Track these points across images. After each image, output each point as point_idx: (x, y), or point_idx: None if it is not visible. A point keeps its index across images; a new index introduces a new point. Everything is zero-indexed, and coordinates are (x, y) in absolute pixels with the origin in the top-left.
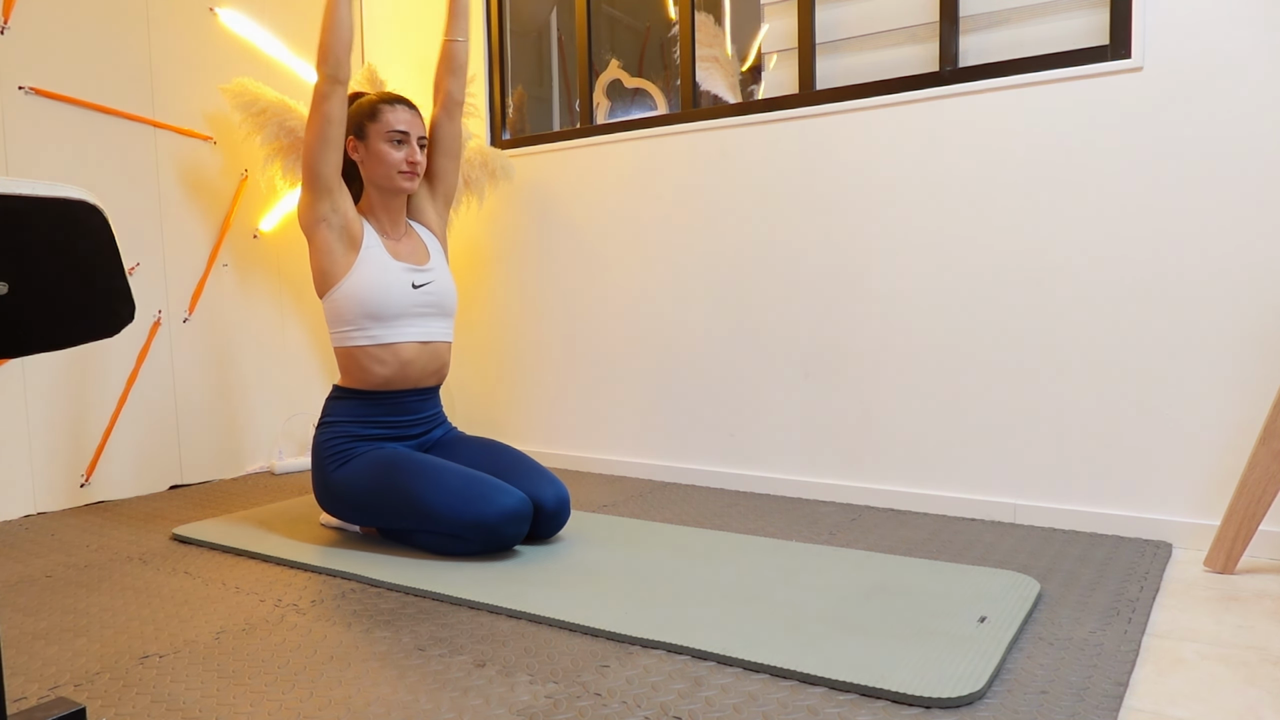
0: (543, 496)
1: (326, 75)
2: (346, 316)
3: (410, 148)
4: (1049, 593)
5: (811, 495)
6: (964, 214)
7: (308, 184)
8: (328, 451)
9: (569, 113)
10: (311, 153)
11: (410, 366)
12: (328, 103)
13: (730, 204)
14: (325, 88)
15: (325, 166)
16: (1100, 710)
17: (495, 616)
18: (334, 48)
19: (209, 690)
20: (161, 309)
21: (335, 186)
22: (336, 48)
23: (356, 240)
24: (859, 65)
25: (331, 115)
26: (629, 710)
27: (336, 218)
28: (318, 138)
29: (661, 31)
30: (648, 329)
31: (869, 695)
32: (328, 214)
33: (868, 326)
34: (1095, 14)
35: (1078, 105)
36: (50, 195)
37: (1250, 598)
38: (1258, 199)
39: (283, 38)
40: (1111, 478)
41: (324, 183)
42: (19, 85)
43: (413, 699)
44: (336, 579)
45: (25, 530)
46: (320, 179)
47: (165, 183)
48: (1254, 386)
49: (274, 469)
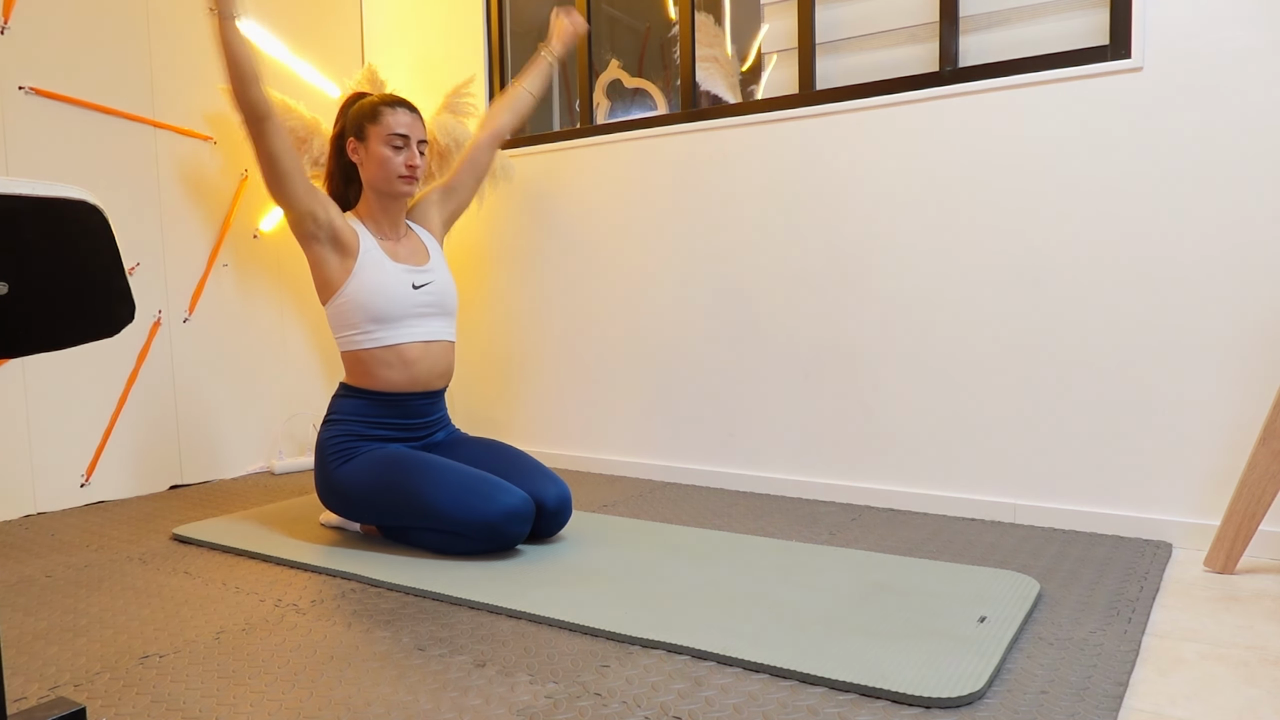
0: (544, 495)
1: (247, 116)
2: (350, 321)
3: (410, 151)
4: (1049, 593)
5: (811, 495)
6: (963, 214)
7: (283, 210)
8: (331, 449)
9: (569, 113)
10: (272, 190)
11: (416, 367)
12: (264, 141)
13: (730, 204)
14: (253, 129)
15: (291, 198)
16: (1100, 710)
17: (495, 616)
18: (240, 88)
19: (209, 690)
20: (161, 309)
21: (310, 204)
22: (243, 80)
23: (350, 247)
24: (859, 65)
25: (274, 151)
26: (629, 710)
27: (323, 230)
28: (271, 176)
29: (661, 31)
30: (648, 329)
31: (869, 695)
32: (312, 229)
33: (868, 326)
34: (1095, 14)
35: (1078, 105)
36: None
37: (1250, 598)
38: (1258, 198)
39: (283, 38)
40: (1111, 478)
41: (295, 206)
42: (19, 85)
43: (413, 699)
44: (336, 579)
45: (25, 530)
46: (291, 205)
47: (165, 183)
48: (1254, 386)
49: (274, 469)
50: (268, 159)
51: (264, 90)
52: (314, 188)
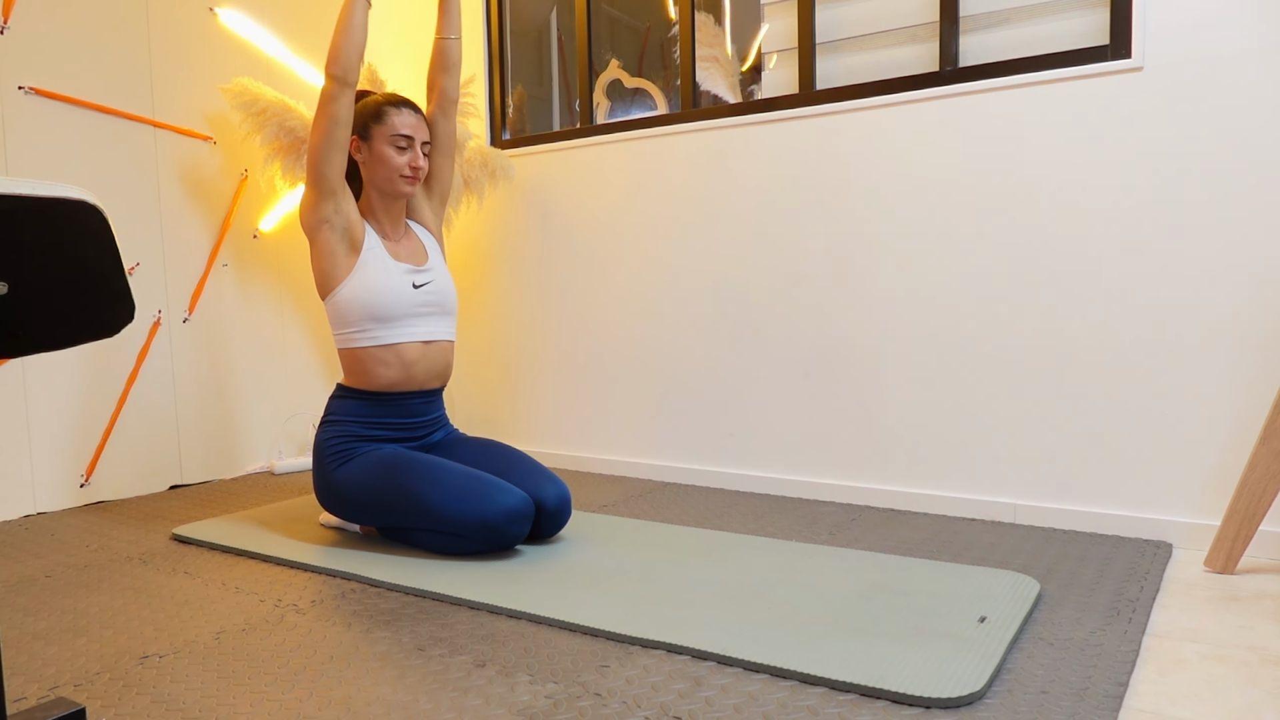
0: (544, 495)
1: (335, 77)
2: (349, 318)
3: (414, 152)
4: (1049, 593)
5: (811, 495)
6: (964, 214)
7: (312, 185)
8: (329, 450)
9: (569, 113)
10: (317, 153)
11: (414, 367)
12: (334, 104)
13: (730, 204)
14: (333, 89)
15: (330, 168)
16: (1100, 710)
17: (495, 616)
18: (346, 51)
19: (209, 690)
20: (161, 309)
21: (339, 188)
22: (349, 51)
23: (358, 242)
24: (859, 65)
25: (338, 117)
26: (629, 710)
27: (339, 219)
28: (324, 138)
29: (661, 31)
30: (648, 329)
31: (869, 695)
32: (331, 215)
33: (868, 326)
34: (1095, 14)
35: (1078, 105)
36: (50, 195)
37: (1250, 598)
38: (1258, 198)
39: (283, 38)
40: (1111, 478)
41: (329, 184)
42: (19, 85)
43: (413, 699)
44: (336, 579)
45: (25, 530)
46: (325, 180)
47: (165, 183)
48: (1254, 386)
49: (274, 469)
50: (330, 124)
51: (359, 67)
52: (344, 174)
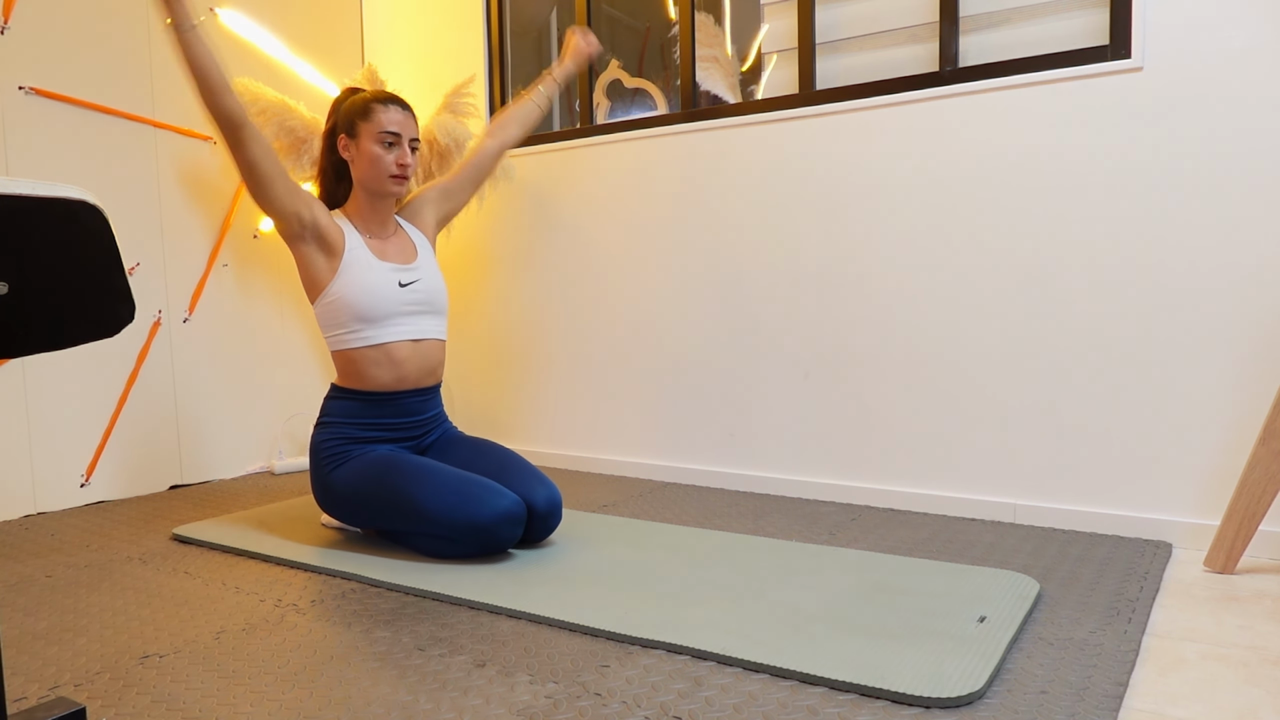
0: (534, 497)
1: (222, 126)
2: (338, 320)
3: (401, 150)
4: (1049, 593)
5: (811, 495)
6: (964, 214)
7: (267, 214)
8: (325, 452)
9: (569, 113)
10: (255, 196)
11: (404, 366)
12: (242, 149)
13: (730, 204)
14: (230, 138)
15: (274, 202)
16: (1100, 710)
17: (495, 616)
18: (211, 99)
19: (209, 690)
20: (161, 309)
21: (293, 206)
22: (214, 97)
23: (336, 246)
24: (859, 65)
25: (253, 158)
26: (629, 710)
27: (308, 230)
28: (253, 183)
29: (661, 31)
30: (648, 328)
31: (869, 695)
32: (297, 230)
33: (868, 326)
34: (1095, 14)
35: (1078, 105)
36: (50, 195)
37: (1250, 598)
38: (1258, 198)
39: (283, 38)
40: (1111, 478)
41: (279, 210)
42: (19, 85)
43: (413, 699)
44: (336, 579)
45: (25, 530)
46: (275, 209)
47: (165, 183)
48: (1254, 386)
49: (274, 469)
50: (247, 166)
51: (236, 97)
52: (296, 187)
